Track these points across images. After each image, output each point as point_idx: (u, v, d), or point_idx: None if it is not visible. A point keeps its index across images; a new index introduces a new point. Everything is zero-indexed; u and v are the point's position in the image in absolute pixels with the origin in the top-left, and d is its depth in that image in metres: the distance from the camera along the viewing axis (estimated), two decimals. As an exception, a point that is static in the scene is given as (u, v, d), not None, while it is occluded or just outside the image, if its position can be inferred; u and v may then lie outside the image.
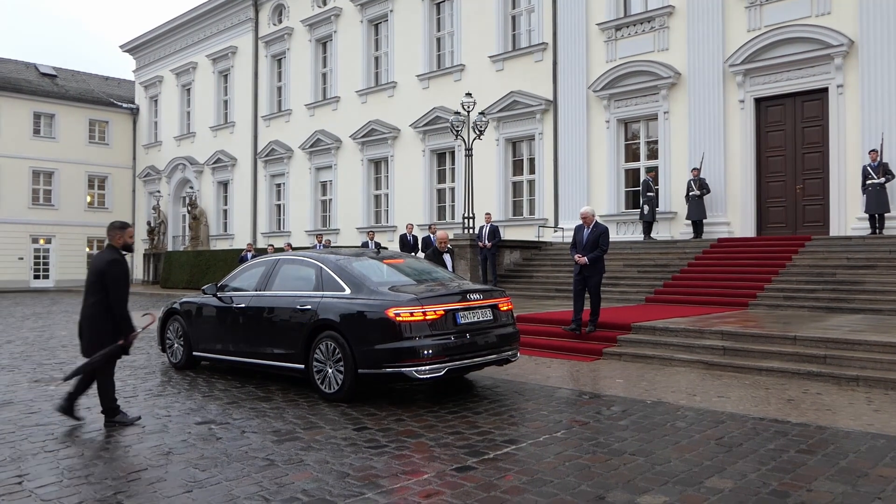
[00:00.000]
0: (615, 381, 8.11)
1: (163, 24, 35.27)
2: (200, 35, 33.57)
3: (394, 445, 5.44)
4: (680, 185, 17.36)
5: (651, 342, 9.65)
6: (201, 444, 5.56)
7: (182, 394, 7.66)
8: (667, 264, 15.52)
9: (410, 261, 8.73)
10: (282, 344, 7.64)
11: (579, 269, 10.06)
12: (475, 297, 7.24)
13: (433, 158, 24.10)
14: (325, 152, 27.68)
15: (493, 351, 7.28)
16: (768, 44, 16.08)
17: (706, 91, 17.11)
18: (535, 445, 5.39)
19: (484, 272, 17.35)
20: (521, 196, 21.82)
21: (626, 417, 6.29)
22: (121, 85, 41.21)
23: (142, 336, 13.32)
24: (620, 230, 18.89)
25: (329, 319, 7.21)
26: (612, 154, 19.05)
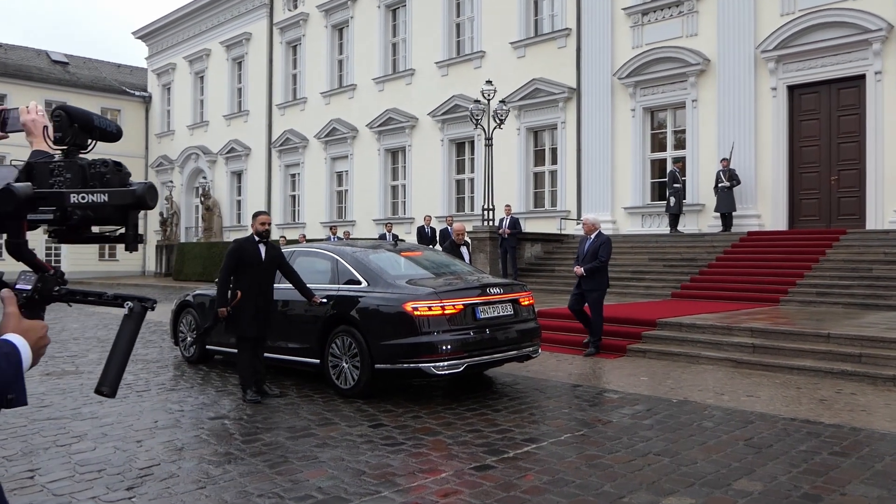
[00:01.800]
0: (640, 378, 8.07)
1: (176, 9, 35.49)
2: (214, 21, 33.74)
3: (411, 443, 5.45)
4: (708, 175, 17.21)
5: (677, 339, 9.59)
6: (214, 440, 5.61)
7: (195, 388, 7.73)
8: (694, 258, 15.42)
9: (429, 253, 8.73)
10: (297, 338, 7.68)
11: (578, 282, 9.80)
12: (495, 292, 7.23)
13: (452, 148, 24.07)
14: (340, 141, 27.74)
15: (513, 347, 7.27)
16: (802, 28, 15.86)
17: (736, 78, 16.92)
18: (556, 444, 5.38)
19: (504, 265, 17.34)
20: (543, 187, 21.74)
21: (650, 416, 6.26)
22: (133, 72, 41.56)
23: (154, 329, 13.44)
24: (646, 223, 18.77)
25: (345, 313, 7.23)
26: (637, 144, 18.92)
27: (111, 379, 1.53)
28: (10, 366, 1.39)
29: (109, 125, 1.67)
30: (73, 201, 1.45)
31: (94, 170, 1.54)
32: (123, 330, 1.56)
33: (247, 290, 7.08)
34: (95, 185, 1.52)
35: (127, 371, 8.77)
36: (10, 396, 1.39)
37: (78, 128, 1.59)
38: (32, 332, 1.47)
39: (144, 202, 1.46)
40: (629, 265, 16.17)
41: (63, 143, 1.59)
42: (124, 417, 6.40)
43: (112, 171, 1.55)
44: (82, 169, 1.53)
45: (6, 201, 1.40)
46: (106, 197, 1.45)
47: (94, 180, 1.53)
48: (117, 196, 1.45)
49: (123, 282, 31.11)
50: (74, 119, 1.59)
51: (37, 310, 1.55)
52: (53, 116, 1.60)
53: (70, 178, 1.52)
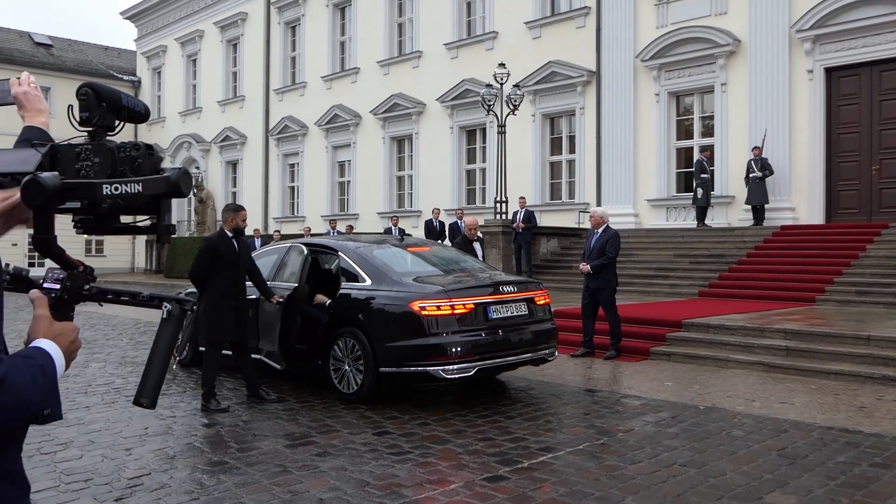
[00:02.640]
0: (664, 383, 8.06)
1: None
2: (208, 0, 33.83)
3: (418, 452, 5.46)
4: (738, 165, 17.13)
5: (704, 341, 9.58)
6: (208, 448, 5.64)
7: (188, 393, 7.77)
8: (723, 254, 15.37)
9: (437, 249, 8.74)
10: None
11: (586, 282, 9.79)
12: (509, 290, 7.23)
13: (462, 136, 24.06)
14: (343, 129, 27.78)
15: (528, 349, 7.28)
16: (841, 6, 15.74)
17: (769, 60, 16.82)
18: (574, 454, 5.38)
19: (518, 262, 17.33)
20: (560, 178, 21.69)
21: (675, 424, 6.25)
22: (121, 55, 41.73)
23: (144, 330, 13.51)
24: (671, 216, 18.71)
25: (348, 313, 7.25)
26: (661, 131, 18.85)
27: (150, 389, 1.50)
28: (47, 379, 1.35)
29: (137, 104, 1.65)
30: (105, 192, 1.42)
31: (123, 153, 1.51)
32: (161, 335, 1.53)
33: (224, 291, 7.04)
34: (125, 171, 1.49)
35: (115, 374, 8.83)
36: (47, 412, 1.36)
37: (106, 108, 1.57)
38: (64, 336, 1.45)
39: (178, 190, 1.43)
40: (653, 262, 16.13)
41: (90, 124, 1.55)
42: (112, 424, 6.44)
43: (144, 156, 1.51)
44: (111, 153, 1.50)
45: (34, 194, 1.37)
46: (140, 186, 1.42)
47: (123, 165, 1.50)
48: (151, 184, 1.42)
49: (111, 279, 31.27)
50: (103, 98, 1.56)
51: (66, 311, 1.52)
52: (80, 95, 1.57)
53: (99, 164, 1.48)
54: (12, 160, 1.50)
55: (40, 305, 1.46)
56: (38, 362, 1.37)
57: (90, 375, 8.75)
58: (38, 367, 1.36)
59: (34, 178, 1.37)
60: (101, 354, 10.39)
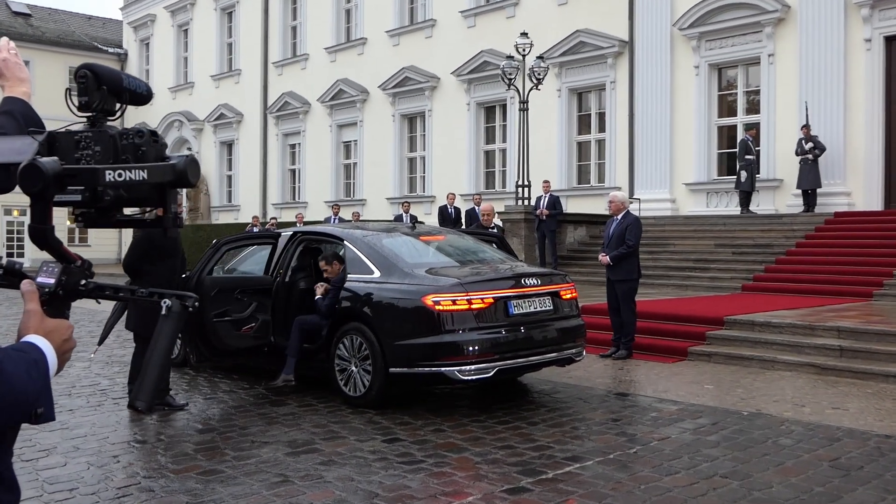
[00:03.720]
0: (703, 387, 8.05)
1: (155, -49, 35.70)
2: (199, -36, 33.92)
3: (432, 461, 5.48)
4: (787, 145, 17.00)
5: (749, 340, 9.55)
6: (202, 456, 5.68)
7: (180, 396, 7.82)
8: (769, 244, 15.30)
9: (452, 238, 8.74)
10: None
11: (607, 272, 9.75)
12: (532, 283, 7.23)
13: (480, 113, 24.01)
14: (348, 106, 27.79)
15: (552, 348, 7.28)
16: (903, -33, 15.57)
17: (822, 28, 16.65)
18: (603, 464, 5.38)
19: (542, 252, 17.31)
20: (588, 160, 21.61)
21: (716, 432, 6.24)
22: (106, 26, 41.91)
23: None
24: (712, 201, 18.62)
25: (354, 308, 7.27)
26: (701, 107, 18.73)
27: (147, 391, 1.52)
28: (40, 375, 1.38)
29: (140, 86, 1.66)
30: (107, 179, 1.43)
31: (126, 140, 1.53)
32: (161, 333, 1.55)
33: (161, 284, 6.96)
34: (128, 159, 1.51)
35: (102, 375, 8.91)
36: (40, 410, 1.38)
37: (107, 91, 1.58)
38: (57, 333, 1.46)
39: (185, 178, 1.45)
40: (691, 252, 16.07)
41: (90, 109, 1.57)
42: (99, 429, 6.50)
43: (147, 143, 1.53)
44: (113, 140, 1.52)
45: (32, 180, 1.38)
46: (145, 174, 1.43)
47: (126, 153, 1.52)
48: (157, 172, 1.44)
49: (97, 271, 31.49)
50: (102, 80, 1.58)
51: (61, 307, 1.54)
52: (78, 78, 1.58)
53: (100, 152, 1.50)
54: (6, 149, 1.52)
55: (31, 300, 1.48)
56: (32, 356, 1.39)
57: (74, 376, 8.83)
58: (31, 361, 1.38)
59: (33, 163, 1.38)
60: (86, 353, 10.47)
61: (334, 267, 7.78)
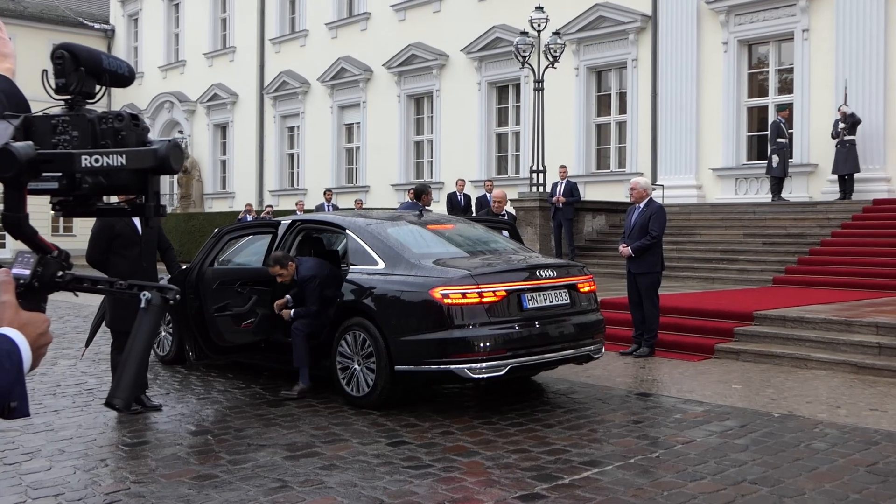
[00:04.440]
0: (731, 386, 8.04)
1: (143, -80, 35.68)
2: (191, -66, 33.91)
3: (440, 465, 5.49)
4: (822, 127, 16.91)
5: (780, 336, 9.54)
6: (195, 460, 5.70)
7: (172, 395, 7.85)
8: (803, 234, 15.25)
9: (462, 227, 8.73)
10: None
11: (628, 265, 9.75)
12: (547, 275, 7.22)
13: (492, 93, 23.96)
14: (351, 86, 27.77)
15: (569, 345, 7.28)
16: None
17: (860, 1, 16.53)
18: (623, 469, 5.38)
19: (558, 242, 17.29)
20: (608, 143, 21.55)
21: (745, 435, 6.23)
22: (92, 0, 41.92)
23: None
24: (741, 188, 18.56)
25: (357, 302, 7.28)
26: (730, 87, 18.65)
27: (124, 389, 1.53)
28: (13, 366, 1.40)
29: (121, 66, 1.67)
30: (84, 165, 1.44)
31: (105, 125, 1.54)
32: (140, 328, 1.56)
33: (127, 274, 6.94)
34: (107, 144, 1.52)
35: (88, 373, 8.95)
36: (13, 404, 1.40)
37: (85, 72, 1.59)
38: (32, 326, 1.47)
39: (168, 165, 1.46)
40: (718, 242, 16.02)
41: (67, 92, 1.58)
42: (86, 431, 6.53)
43: (128, 127, 1.54)
44: (91, 124, 1.53)
45: (5, 165, 1.39)
46: (123, 159, 1.44)
47: (105, 138, 1.53)
48: (136, 158, 1.45)
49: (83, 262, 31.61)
50: (81, 61, 1.58)
51: (37, 300, 1.55)
52: (55, 58, 1.59)
53: (78, 137, 1.51)
54: None
55: (6, 291, 1.49)
56: (4, 347, 1.40)
57: (59, 374, 8.88)
58: (3, 353, 1.39)
59: (5, 148, 1.39)
60: (72, 350, 10.53)
61: (289, 269, 7.65)
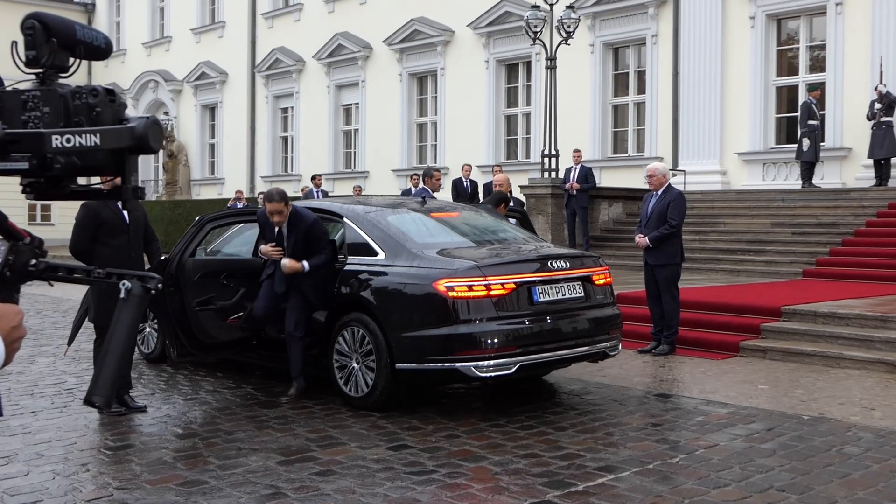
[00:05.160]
0: (757, 387, 8.04)
1: None
2: None
3: (444, 471, 5.50)
4: (857, 108, 16.87)
5: (810, 333, 9.52)
6: (183, 465, 5.71)
7: (157, 396, 7.86)
8: (835, 223, 15.24)
9: (468, 214, 8.72)
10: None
11: (645, 256, 9.74)
12: (560, 266, 7.21)
13: (501, 72, 23.91)
14: (349, 63, 27.73)
15: (583, 341, 7.27)
16: None
17: (899, -29, 16.49)
18: (641, 475, 5.38)
19: (572, 231, 17.28)
20: (626, 125, 21.51)
21: (772, 439, 6.23)
22: (70, -28, 41.87)
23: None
24: (769, 174, 18.52)
25: (355, 295, 7.27)
26: (757, 64, 18.59)
27: (104, 385, 1.52)
28: None
29: (97, 37, 1.65)
30: (55, 145, 1.43)
31: (78, 100, 1.52)
32: (119, 320, 1.54)
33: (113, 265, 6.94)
34: (81, 121, 1.51)
35: (67, 372, 8.97)
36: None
37: (57, 44, 1.57)
38: (4, 319, 1.47)
39: (146, 144, 1.44)
40: (744, 232, 16.00)
41: (37, 65, 1.56)
42: (65, 433, 6.54)
43: (103, 103, 1.53)
44: (64, 100, 1.51)
45: None
46: (98, 139, 1.43)
47: (79, 115, 1.52)
48: (112, 137, 1.44)
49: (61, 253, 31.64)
50: (53, 32, 1.57)
51: (9, 290, 1.54)
52: (25, 29, 1.57)
53: (49, 113, 1.50)
54: None
55: None
56: None
57: (37, 373, 8.89)
58: None
59: None
60: (50, 347, 10.55)
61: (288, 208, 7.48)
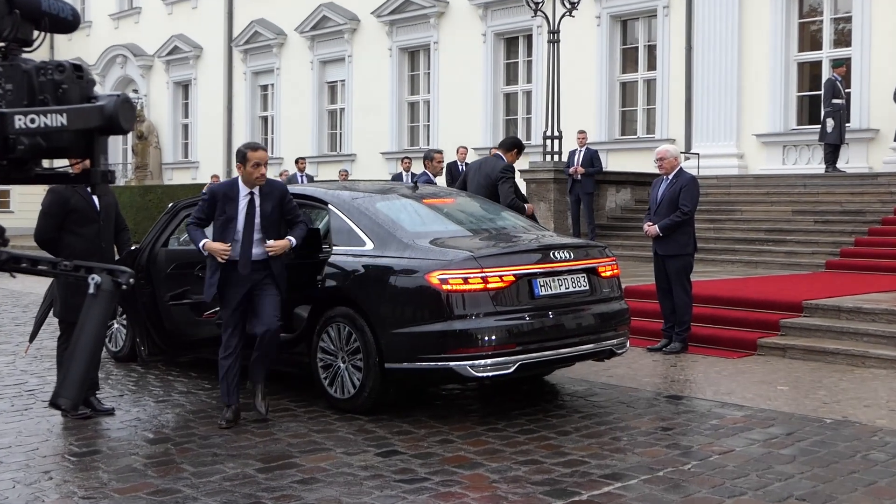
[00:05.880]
0: (776, 388, 8.05)
1: None
2: None
3: (437, 479, 5.50)
4: (885, 86, 16.87)
5: (834, 330, 9.53)
6: (154, 472, 5.70)
7: (126, 398, 7.85)
8: (861, 210, 15.28)
9: (464, 201, 8.71)
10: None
11: (654, 245, 9.76)
12: (563, 257, 7.21)
13: (499, 46, 23.87)
14: (334, 37, 27.65)
15: (588, 338, 7.28)
16: None
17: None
18: (650, 483, 5.39)
19: (576, 220, 17.28)
20: (634, 104, 21.50)
21: (792, 444, 6.24)
22: (31, -63, 41.76)
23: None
24: (789, 157, 18.53)
25: (341, 289, 7.26)
26: (777, 38, 18.58)
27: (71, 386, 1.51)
28: None
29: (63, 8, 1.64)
30: (18, 126, 1.41)
31: (43, 77, 1.51)
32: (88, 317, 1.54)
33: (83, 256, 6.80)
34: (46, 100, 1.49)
35: (28, 372, 8.96)
36: None
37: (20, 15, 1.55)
38: None
39: (116, 123, 1.43)
40: (763, 220, 16.01)
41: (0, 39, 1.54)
42: (26, 438, 6.52)
43: (70, 79, 1.51)
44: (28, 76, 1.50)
45: None
46: (64, 118, 1.41)
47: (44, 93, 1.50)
48: (79, 116, 1.42)
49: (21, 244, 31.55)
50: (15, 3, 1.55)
51: None
52: None
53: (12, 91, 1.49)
54: None
55: None
56: None
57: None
58: None
59: None
60: (10, 345, 10.53)
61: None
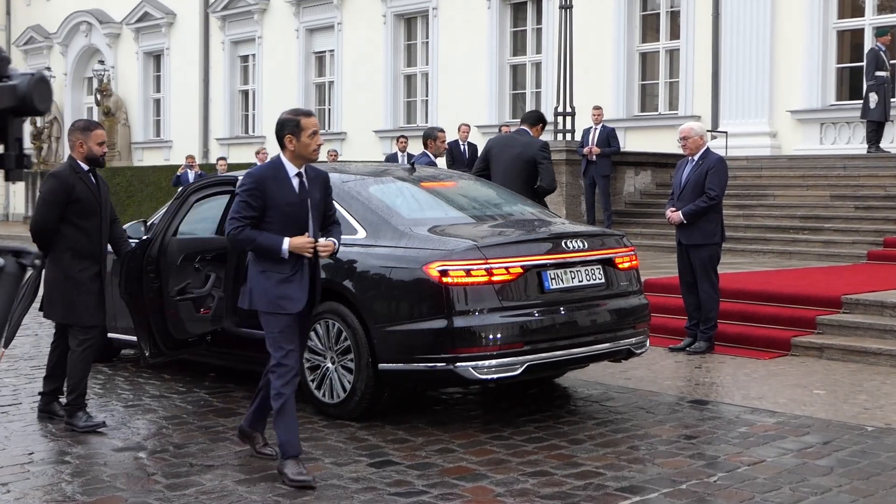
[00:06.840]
0: (812, 392, 8.06)
1: None
2: None
3: (436, 492, 5.51)
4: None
5: (876, 328, 9.53)
6: (122, 484, 5.72)
7: (93, 402, 7.84)
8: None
9: (466, 184, 8.71)
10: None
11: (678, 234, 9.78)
12: (576, 247, 7.21)
13: (505, 13, 23.84)
14: (323, 2, 27.59)
15: (604, 337, 7.29)
16: None
17: None
18: (672, 497, 5.40)
19: (591, 205, 17.28)
20: (655, 78, 21.48)
21: (830, 454, 6.25)
22: None
23: (25, 306, 13.67)
24: (828, 136, 18.52)
25: (330, 282, 7.25)
26: (815, 4, 18.55)
27: None
28: None
29: None
30: None
31: None
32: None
33: (82, 251, 6.93)
34: None
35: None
36: None
37: None
38: None
39: (31, 104, 1.44)
40: (798, 206, 16.00)
41: None
42: (-20, 446, 6.55)
43: None
44: None
45: None
46: None
47: None
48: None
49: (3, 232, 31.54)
50: None
51: None
52: None
53: None
54: None
55: None
56: None
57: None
58: None
59: None
60: (-38, 343, 10.53)
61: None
